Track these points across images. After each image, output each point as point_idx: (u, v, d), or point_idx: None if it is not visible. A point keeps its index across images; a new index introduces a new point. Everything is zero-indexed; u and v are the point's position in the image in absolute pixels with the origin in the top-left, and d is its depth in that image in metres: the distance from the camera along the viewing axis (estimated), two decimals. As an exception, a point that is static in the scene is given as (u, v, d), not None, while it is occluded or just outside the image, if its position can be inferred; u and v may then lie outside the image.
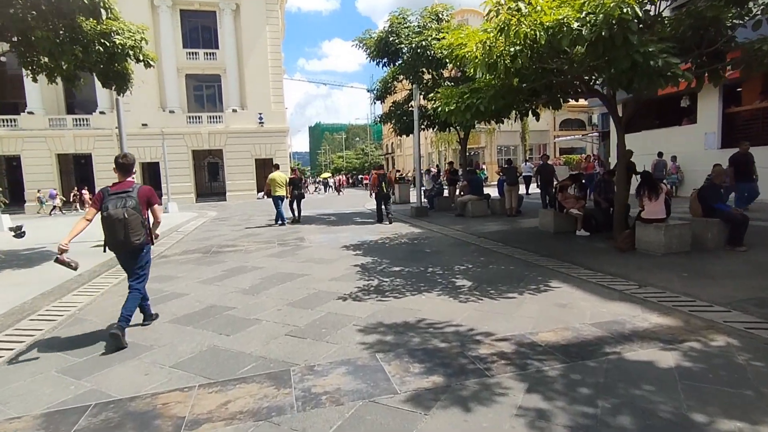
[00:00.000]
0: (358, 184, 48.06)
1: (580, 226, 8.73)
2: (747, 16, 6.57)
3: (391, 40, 13.60)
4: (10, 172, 29.30)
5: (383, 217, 12.46)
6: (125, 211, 3.83)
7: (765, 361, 3.02)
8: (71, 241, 3.85)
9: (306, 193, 35.86)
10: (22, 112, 27.66)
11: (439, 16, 14.00)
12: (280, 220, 12.78)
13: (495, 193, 14.37)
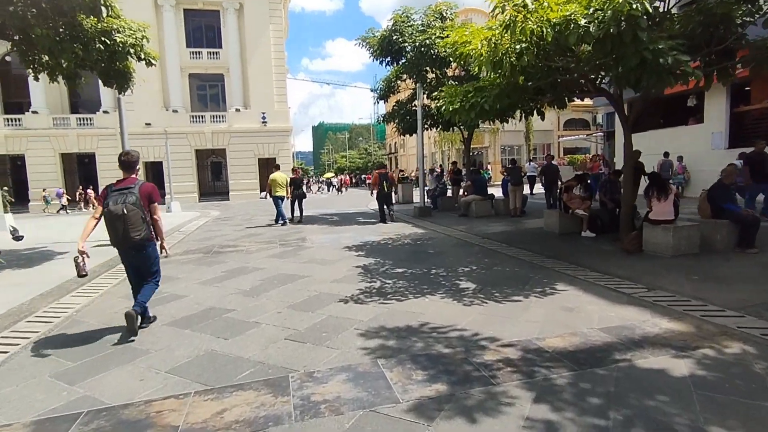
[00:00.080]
0: (361, 184, 47.99)
1: (586, 227, 8.59)
2: (757, 14, 6.42)
3: (394, 38, 13.49)
4: (15, 171, 29.39)
5: (385, 217, 12.42)
6: (124, 206, 3.84)
7: (783, 369, 2.91)
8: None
9: (309, 193, 35.98)
10: (26, 111, 27.77)
11: (443, 14, 13.87)
12: (281, 220, 12.70)
13: (499, 193, 14.26)
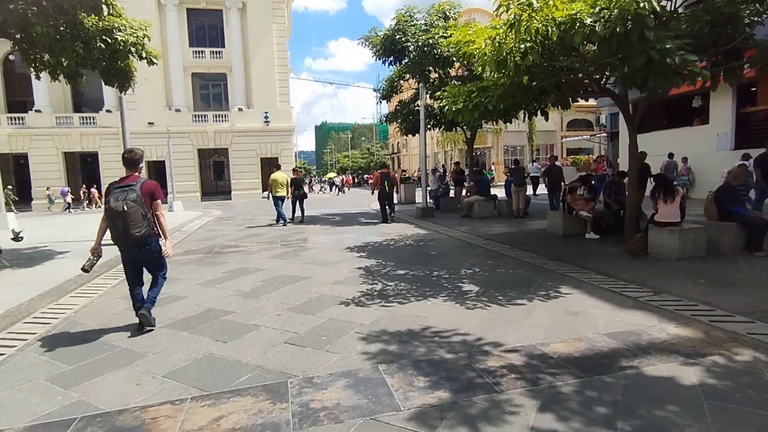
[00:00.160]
0: (363, 184, 47.96)
1: (590, 229, 8.51)
2: (765, 14, 6.32)
3: (397, 38, 13.41)
4: (18, 170, 29.45)
5: (387, 217, 12.45)
6: (125, 203, 3.85)
7: (795, 378, 2.82)
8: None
9: (311, 193, 35.95)
10: (29, 110, 27.81)
11: (446, 14, 13.78)
12: (282, 221, 12.70)
13: (501, 193, 14.17)
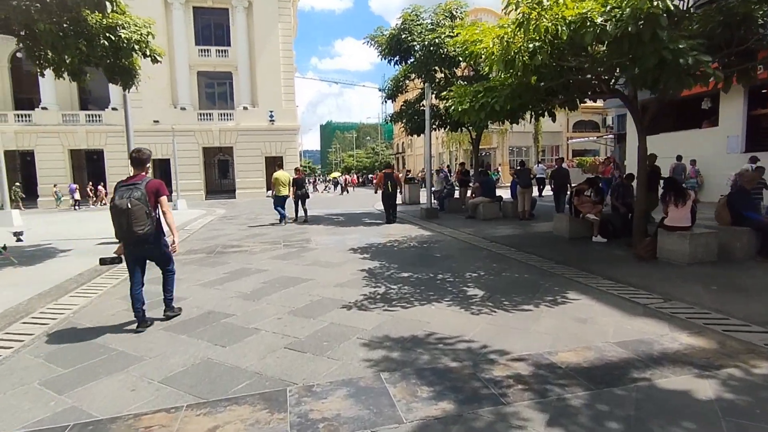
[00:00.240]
0: (368, 183, 47.92)
1: (597, 232, 8.37)
2: (780, 14, 6.17)
3: (403, 37, 13.31)
4: (25, 167, 29.58)
5: (391, 218, 12.49)
6: (129, 201, 3.91)
7: (817, 394, 2.70)
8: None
9: (315, 192, 35.91)
10: (36, 107, 27.93)
11: (452, 13, 13.66)
12: (282, 220, 12.80)
13: (507, 195, 14.03)
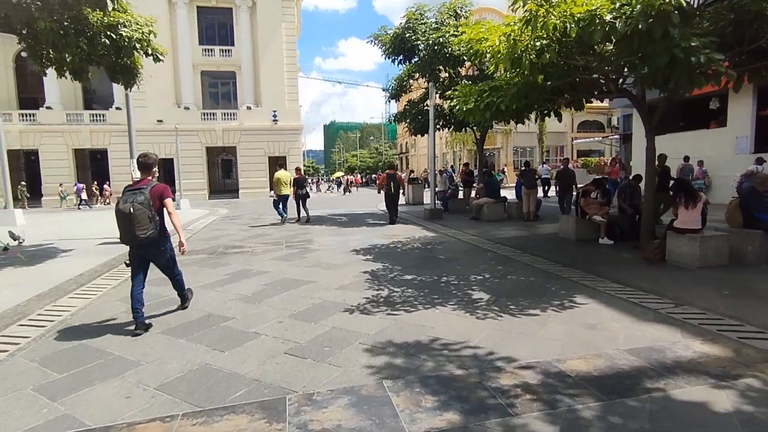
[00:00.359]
0: (371, 184, 47.87)
1: (604, 234, 8.23)
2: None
3: (407, 36, 13.20)
4: (29, 166, 29.69)
5: (394, 219, 12.46)
6: (132, 205, 3.96)
7: (841, 407, 2.57)
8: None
9: (318, 192, 35.84)
10: (41, 107, 28.00)
11: (457, 12, 13.54)
12: (282, 220, 12.86)
13: (512, 195, 13.90)
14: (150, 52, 8.23)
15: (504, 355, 3.43)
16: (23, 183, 26.02)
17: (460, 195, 16.08)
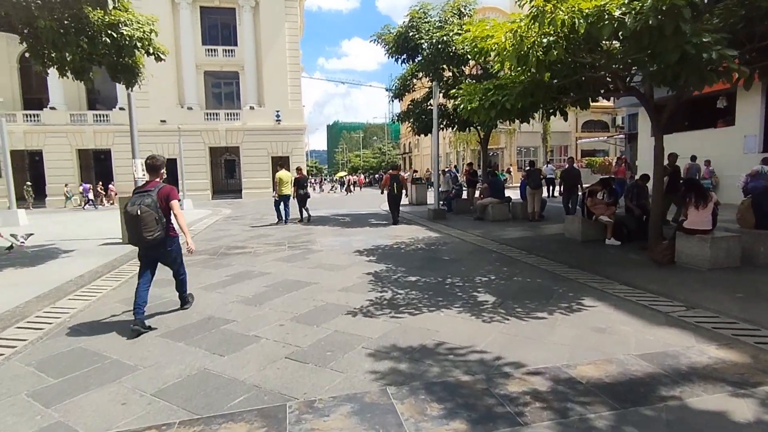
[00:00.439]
0: (375, 183, 47.80)
1: (610, 235, 8.11)
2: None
3: (410, 35, 13.09)
4: (33, 167, 29.75)
5: (398, 219, 12.44)
6: (139, 208, 4.03)
7: None
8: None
9: (320, 192, 35.77)
10: (45, 107, 28.06)
11: (461, 10, 13.42)
12: (282, 220, 12.88)
13: (516, 195, 13.77)
14: (151, 50, 8.14)
15: (512, 360, 3.32)
16: (29, 183, 26.08)
17: (464, 195, 15.96)
